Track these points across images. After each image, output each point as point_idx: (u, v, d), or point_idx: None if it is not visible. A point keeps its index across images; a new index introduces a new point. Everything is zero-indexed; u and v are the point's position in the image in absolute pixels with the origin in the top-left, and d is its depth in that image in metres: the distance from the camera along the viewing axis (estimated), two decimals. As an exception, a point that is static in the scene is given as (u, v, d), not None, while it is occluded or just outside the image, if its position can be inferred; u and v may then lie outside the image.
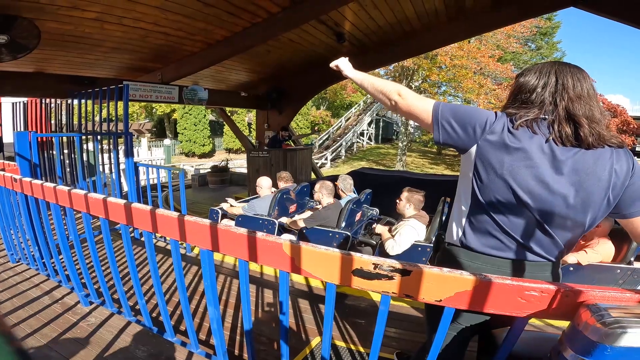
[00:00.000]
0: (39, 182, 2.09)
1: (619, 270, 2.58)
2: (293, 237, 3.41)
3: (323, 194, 3.66)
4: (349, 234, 3.24)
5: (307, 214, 3.78)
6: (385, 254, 2.98)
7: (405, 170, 13.23)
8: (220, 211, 4.02)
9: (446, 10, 5.50)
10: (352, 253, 0.87)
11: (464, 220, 1.07)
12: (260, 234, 0.99)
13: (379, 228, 3.27)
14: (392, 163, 19.23)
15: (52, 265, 2.62)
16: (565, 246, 1.01)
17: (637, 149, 18.52)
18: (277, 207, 3.71)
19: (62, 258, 2.42)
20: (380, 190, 4.73)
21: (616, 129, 14.92)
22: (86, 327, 2.09)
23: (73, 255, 2.39)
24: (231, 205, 4.07)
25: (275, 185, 4.38)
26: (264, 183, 4.15)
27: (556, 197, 0.94)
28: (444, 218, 3.13)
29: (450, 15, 5.70)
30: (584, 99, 0.96)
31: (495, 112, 1.02)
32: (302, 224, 3.41)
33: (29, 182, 2.13)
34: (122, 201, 1.39)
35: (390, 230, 3.20)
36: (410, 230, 2.99)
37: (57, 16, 3.65)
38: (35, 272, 2.78)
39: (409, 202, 3.15)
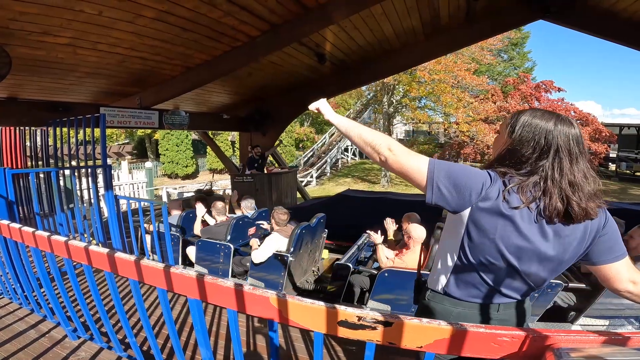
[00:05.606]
0: (16, 225, 2.04)
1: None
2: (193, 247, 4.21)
3: (216, 213, 4.60)
4: (231, 245, 3.88)
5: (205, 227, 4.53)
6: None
7: (387, 192, 13.38)
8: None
9: (423, 28, 5.73)
10: (337, 306, 0.91)
11: (449, 273, 1.10)
12: (247, 288, 1.02)
13: (252, 241, 3.79)
14: (377, 178, 19.07)
15: (35, 299, 2.55)
16: (537, 286, 1.09)
17: (610, 155, 18.99)
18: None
19: (44, 292, 2.36)
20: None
21: (588, 137, 15.23)
22: (78, 362, 2.03)
23: (55, 289, 2.31)
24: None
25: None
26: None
27: (540, 259, 1.00)
28: (302, 231, 3.67)
29: (427, 32, 5.93)
30: (577, 178, 0.97)
31: (489, 174, 1.01)
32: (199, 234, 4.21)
33: (6, 226, 2.08)
34: (105, 250, 1.39)
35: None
36: (271, 242, 3.64)
37: (28, 42, 3.60)
38: (18, 306, 2.72)
39: (273, 219, 3.82)
